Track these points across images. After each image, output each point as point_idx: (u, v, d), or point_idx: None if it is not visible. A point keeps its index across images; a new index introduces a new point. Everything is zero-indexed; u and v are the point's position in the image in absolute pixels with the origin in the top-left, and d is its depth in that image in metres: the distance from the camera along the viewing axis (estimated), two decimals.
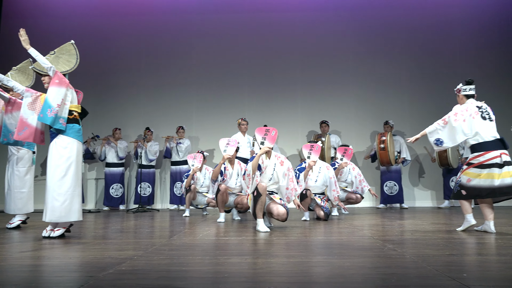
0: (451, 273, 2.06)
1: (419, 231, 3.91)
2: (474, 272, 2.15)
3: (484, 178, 3.56)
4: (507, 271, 2.12)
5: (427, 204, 7.98)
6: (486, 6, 8.44)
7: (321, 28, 8.60)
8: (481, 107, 3.77)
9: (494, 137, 3.65)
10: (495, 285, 1.87)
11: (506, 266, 2.25)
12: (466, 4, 8.48)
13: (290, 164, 4.27)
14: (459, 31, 8.41)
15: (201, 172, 6.16)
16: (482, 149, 3.61)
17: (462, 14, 8.44)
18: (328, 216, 5.10)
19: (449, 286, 1.85)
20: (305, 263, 2.42)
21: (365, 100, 8.37)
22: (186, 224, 4.89)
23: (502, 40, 8.35)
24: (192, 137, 8.40)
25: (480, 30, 8.39)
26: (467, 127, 3.69)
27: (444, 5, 8.50)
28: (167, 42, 8.73)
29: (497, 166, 3.54)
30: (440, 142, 3.86)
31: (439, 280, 1.96)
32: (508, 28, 8.37)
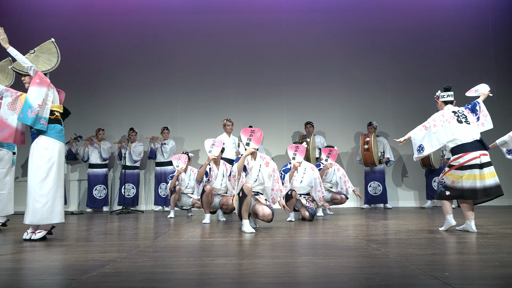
0: (433, 272, 2.09)
1: (402, 231, 3.96)
2: (456, 271, 2.18)
3: (466, 179, 3.63)
4: (488, 270, 2.16)
5: (410, 204, 8.10)
6: (467, 11, 8.61)
7: (306, 30, 8.65)
8: (457, 111, 3.86)
9: (473, 139, 3.72)
10: (476, 283, 1.91)
11: (487, 264, 2.29)
12: (448, 8, 8.63)
13: (275, 165, 4.28)
14: (441, 35, 8.56)
15: (186, 173, 6.12)
16: (461, 151, 3.69)
17: (444, 19, 8.60)
18: (313, 216, 5.13)
19: (432, 285, 1.87)
20: (290, 264, 2.43)
21: (349, 101, 8.45)
22: (171, 225, 4.85)
23: (481, 45, 8.54)
24: (177, 137, 8.34)
25: (461, 34, 8.55)
26: (444, 133, 3.78)
27: (427, 9, 8.64)
28: (151, 42, 8.66)
29: (477, 167, 3.61)
30: (422, 149, 3.93)
31: (422, 279, 1.99)
32: (487, 33, 8.56)
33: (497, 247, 2.85)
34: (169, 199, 6.27)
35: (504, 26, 8.57)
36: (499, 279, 1.97)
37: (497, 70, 8.42)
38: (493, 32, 8.55)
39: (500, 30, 8.57)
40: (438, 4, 8.65)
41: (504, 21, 8.58)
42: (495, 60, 8.48)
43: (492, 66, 8.44)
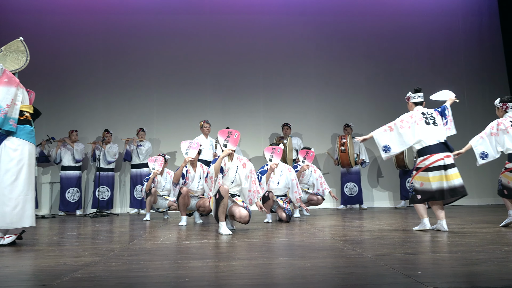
0: (406, 271, 2.14)
1: (377, 230, 4.03)
2: (428, 270, 2.24)
3: (433, 181, 3.73)
4: (458, 268, 2.23)
5: (385, 205, 8.26)
6: (439, 17, 8.86)
7: (283, 32, 8.71)
8: (426, 113, 3.96)
9: (438, 141, 3.83)
10: (447, 281, 1.96)
11: (458, 263, 2.36)
12: (421, 14, 8.86)
13: (252, 166, 4.29)
14: (415, 39, 8.78)
15: (162, 176, 6.06)
16: (426, 153, 3.80)
17: (417, 24, 8.82)
18: (290, 217, 5.16)
19: (405, 283, 1.92)
20: (267, 265, 2.44)
21: (326, 103, 8.56)
22: (146, 228, 4.79)
23: (453, 49, 8.80)
24: (153, 139, 8.25)
25: (433, 39, 8.80)
26: (411, 134, 3.86)
27: (401, 14, 8.85)
28: (126, 42, 8.54)
29: (442, 168, 3.73)
30: (388, 149, 3.96)
31: (395, 278, 2.03)
32: (458, 38, 8.83)
33: (467, 246, 2.94)
34: (144, 201, 6.19)
35: (474, 32, 8.87)
36: (469, 277, 2.03)
37: (467, 74, 8.69)
38: (463, 38, 8.83)
39: (470, 35, 8.86)
40: (412, 9, 8.87)
41: (474, 27, 8.87)
42: (465, 64, 8.75)
43: (462, 70, 8.71)
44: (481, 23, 8.88)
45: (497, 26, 8.70)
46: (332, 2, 8.85)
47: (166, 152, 7.85)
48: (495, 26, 8.74)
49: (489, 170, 7.94)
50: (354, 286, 1.89)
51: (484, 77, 8.66)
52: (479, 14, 8.91)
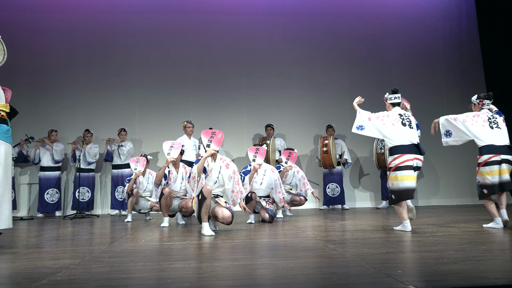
0: (387, 270, 2.17)
1: (358, 230, 4.08)
2: (408, 269, 2.28)
3: (401, 180, 3.83)
4: (437, 267, 2.27)
5: (366, 205, 8.35)
6: (419, 21, 9.02)
7: (267, 33, 8.73)
8: (403, 115, 4.04)
9: (410, 142, 3.91)
10: (426, 280, 2.00)
11: (436, 262, 2.41)
12: (402, 18, 9.01)
13: (235, 167, 4.28)
14: (396, 43, 8.92)
15: (144, 176, 6.00)
16: (397, 152, 3.90)
17: (399, 27, 8.97)
18: (273, 218, 5.17)
19: (385, 282, 1.94)
20: (250, 266, 2.44)
21: (308, 104, 8.61)
22: (128, 229, 4.73)
23: (433, 53, 8.97)
24: (135, 139, 8.15)
25: (414, 43, 8.95)
26: (386, 131, 3.98)
27: (382, 17, 8.97)
28: (108, 40, 8.43)
29: (411, 168, 3.84)
30: (361, 128, 4.16)
31: (376, 277, 2.05)
32: (437, 42, 9.01)
33: (446, 245, 3.00)
34: (126, 202, 6.12)
35: (453, 35, 9.06)
36: (447, 275, 2.07)
37: (446, 76, 8.87)
38: (443, 41, 9.01)
39: (449, 39, 9.04)
40: (393, 12, 9.01)
41: (453, 31, 9.07)
42: (444, 67, 8.93)
43: (442, 72, 8.89)
44: (460, 27, 9.08)
45: (475, 30, 8.91)
46: (315, 4, 8.92)
47: (148, 152, 7.77)
48: (473, 30, 8.95)
49: (467, 171, 8.14)
50: (335, 286, 1.91)
51: (462, 80, 8.85)
52: (457, 18, 9.11)
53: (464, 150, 8.17)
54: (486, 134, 4.13)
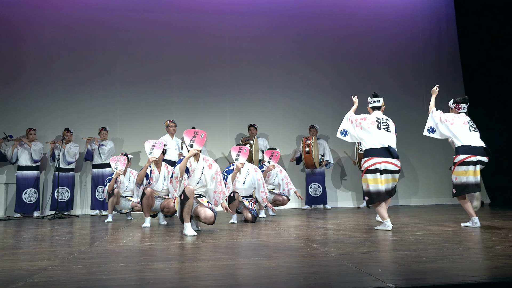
0: (367, 269, 2.19)
1: (340, 230, 4.12)
2: (388, 267, 2.31)
3: (371, 183, 3.93)
4: (416, 265, 2.31)
5: (348, 205, 8.44)
6: (400, 23, 9.16)
7: (250, 33, 8.73)
8: (381, 118, 4.13)
9: (382, 145, 3.97)
10: (405, 278, 2.03)
11: (416, 260, 2.45)
12: (382, 19, 9.13)
13: (218, 167, 4.27)
14: (378, 44, 9.03)
15: (125, 176, 5.92)
16: (366, 155, 4.01)
17: (380, 29, 9.08)
18: (255, 218, 5.17)
19: (366, 281, 1.97)
20: (232, 266, 2.43)
21: (291, 105, 8.65)
22: (108, 230, 4.67)
23: (413, 55, 9.12)
24: (116, 138, 8.04)
25: (395, 44, 9.08)
26: (361, 133, 4.10)
27: (364, 19, 9.07)
28: (89, 38, 8.29)
29: (377, 172, 3.92)
30: (345, 133, 4.28)
31: (357, 276, 2.08)
32: (418, 44, 9.16)
33: (425, 244, 3.05)
34: (106, 202, 6.03)
35: (432, 38, 9.23)
36: (426, 274, 2.11)
37: (426, 78, 9.02)
38: (423, 43, 9.17)
39: (429, 41, 9.21)
40: (375, 14, 9.13)
41: (433, 34, 9.24)
42: (424, 69, 9.09)
43: (422, 75, 9.04)
44: (440, 30, 9.26)
45: (454, 33, 9.09)
46: (298, 6, 8.96)
47: (130, 152, 7.68)
48: (452, 33, 9.13)
49: (446, 171, 8.30)
50: (317, 285, 1.92)
51: (442, 83, 8.98)
52: (437, 21, 9.28)
53: (443, 151, 8.35)
54: (465, 134, 4.21)
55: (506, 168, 7.41)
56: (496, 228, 3.99)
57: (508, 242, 3.06)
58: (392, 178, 4.00)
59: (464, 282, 1.92)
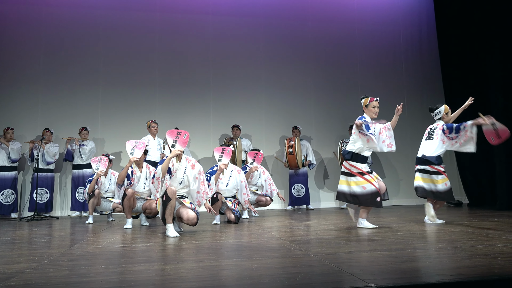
0: (349, 269, 2.21)
1: (323, 230, 4.14)
2: (370, 267, 2.33)
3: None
4: (397, 265, 2.34)
5: (331, 205, 8.51)
6: (382, 27, 9.28)
7: (234, 33, 8.72)
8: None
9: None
10: (386, 278, 2.06)
11: (397, 260, 2.48)
12: (365, 22, 9.24)
13: (201, 167, 4.25)
14: (360, 47, 9.13)
15: (106, 177, 5.85)
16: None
17: (363, 32, 9.18)
18: (238, 219, 5.17)
19: (348, 281, 1.98)
20: (215, 267, 2.42)
21: (275, 106, 8.67)
22: (89, 231, 4.59)
23: (395, 59, 9.25)
24: (97, 139, 7.92)
25: (377, 48, 9.19)
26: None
27: (347, 22, 9.17)
28: (71, 35, 8.15)
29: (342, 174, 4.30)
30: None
31: (339, 276, 2.09)
32: (399, 48, 9.29)
33: (406, 243, 3.10)
34: (87, 203, 5.93)
35: (413, 42, 9.37)
36: (407, 273, 2.14)
37: (408, 82, 9.18)
38: (404, 48, 9.31)
39: (411, 46, 9.36)
40: (358, 17, 9.23)
41: (414, 38, 9.39)
42: (406, 73, 9.23)
43: (404, 78, 9.18)
44: (421, 35, 9.42)
45: (435, 38, 9.26)
46: (282, 6, 9.00)
47: (111, 152, 7.58)
48: (433, 38, 9.30)
49: None
50: (300, 285, 1.93)
51: (423, 86, 9.17)
52: (418, 25, 9.44)
53: None
54: (421, 145, 4.77)
55: (483, 170, 7.58)
56: (474, 227, 4.08)
57: (485, 241, 3.14)
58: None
59: (443, 281, 1.96)
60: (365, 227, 4.21)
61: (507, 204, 6.41)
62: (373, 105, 4.32)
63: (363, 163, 4.24)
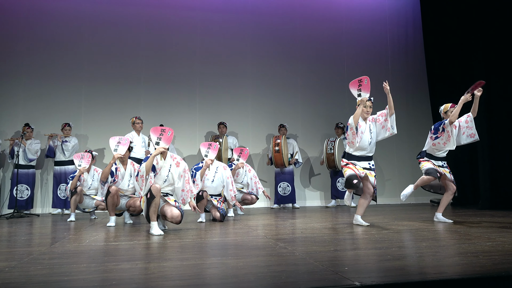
0: (334, 268, 2.23)
1: (308, 229, 4.17)
2: (354, 265, 2.36)
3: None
4: (382, 263, 2.37)
5: (316, 204, 8.56)
6: (368, 25, 9.36)
7: (221, 30, 8.69)
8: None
9: None
10: (371, 276, 2.08)
11: (381, 258, 2.52)
12: (353, 21, 9.30)
13: (186, 165, 4.23)
14: (346, 45, 9.19)
15: (89, 173, 5.77)
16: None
17: (350, 30, 9.24)
18: (224, 217, 5.16)
19: (333, 279, 2.00)
20: (199, 265, 2.42)
21: (262, 103, 8.67)
22: (70, 229, 4.53)
23: (382, 57, 9.34)
24: (80, 135, 7.81)
25: (363, 46, 9.26)
26: None
27: (334, 20, 9.21)
28: (53, 28, 8.01)
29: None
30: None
31: (324, 274, 2.11)
32: (385, 47, 9.38)
33: (390, 242, 3.14)
34: (69, 201, 5.85)
35: (400, 42, 9.48)
36: (391, 271, 2.17)
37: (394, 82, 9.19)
38: (390, 47, 9.41)
39: (397, 46, 9.46)
40: (345, 17, 9.27)
41: (400, 38, 9.49)
42: (392, 73, 9.33)
43: (389, 76, 9.24)
44: (407, 35, 9.52)
45: (421, 37, 9.38)
46: (270, 4, 9.00)
47: (94, 148, 7.49)
48: (418, 37, 9.42)
49: (411, 173, 8.58)
50: (285, 284, 1.94)
51: (408, 84, 9.29)
52: (404, 25, 9.54)
53: (409, 151, 8.62)
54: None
55: (466, 169, 7.72)
56: (457, 226, 4.16)
57: (468, 240, 3.20)
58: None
59: (427, 279, 1.99)
60: (359, 224, 4.32)
61: (489, 203, 6.54)
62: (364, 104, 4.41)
63: (350, 160, 4.36)
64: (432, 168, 4.49)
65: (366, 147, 4.35)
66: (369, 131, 4.38)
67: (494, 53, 6.80)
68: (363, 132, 4.33)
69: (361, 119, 4.40)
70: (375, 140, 4.44)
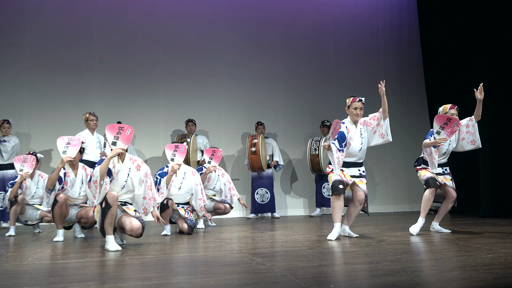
0: (319, 285, 2.26)
1: (290, 242, 4.20)
2: (341, 282, 2.39)
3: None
4: (371, 279, 2.41)
5: (299, 213, 8.62)
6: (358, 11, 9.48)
7: (190, 11, 8.63)
8: None
9: None
10: None
11: (371, 274, 2.56)
12: (340, 4, 9.41)
13: (148, 169, 4.19)
14: (333, 34, 9.27)
15: (33, 179, 5.66)
16: None
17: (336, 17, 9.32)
18: (192, 229, 5.14)
19: None
20: (163, 286, 2.40)
21: (236, 98, 8.66)
22: (10, 245, 4.44)
23: (373, 46, 9.47)
24: (22, 134, 7.63)
25: (352, 34, 9.37)
26: None
27: (319, 4, 9.29)
28: None
29: None
30: None
31: None
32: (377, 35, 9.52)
33: (381, 256, 3.20)
34: (8, 212, 5.71)
35: (393, 29, 9.64)
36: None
37: (386, 72, 9.42)
38: (382, 34, 9.55)
39: (389, 33, 9.62)
40: (331, 2, 9.36)
41: (393, 25, 9.66)
42: (384, 62, 9.49)
43: (381, 68, 9.42)
44: (401, 21, 9.69)
45: (416, 25, 9.58)
46: None
47: (39, 150, 7.33)
48: (413, 24, 9.61)
49: (405, 177, 8.75)
50: None
51: (402, 76, 9.47)
52: (398, 11, 9.71)
53: (402, 156, 8.79)
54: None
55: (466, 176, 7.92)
56: (456, 236, 4.27)
57: (467, 252, 3.29)
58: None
59: None
60: (347, 235, 4.40)
61: (491, 211, 6.74)
62: (354, 106, 4.47)
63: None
64: (430, 178, 4.59)
65: (356, 153, 4.42)
66: (360, 135, 4.44)
67: (496, 39, 7.00)
68: (353, 138, 4.39)
69: (351, 123, 4.46)
70: (366, 145, 4.50)
